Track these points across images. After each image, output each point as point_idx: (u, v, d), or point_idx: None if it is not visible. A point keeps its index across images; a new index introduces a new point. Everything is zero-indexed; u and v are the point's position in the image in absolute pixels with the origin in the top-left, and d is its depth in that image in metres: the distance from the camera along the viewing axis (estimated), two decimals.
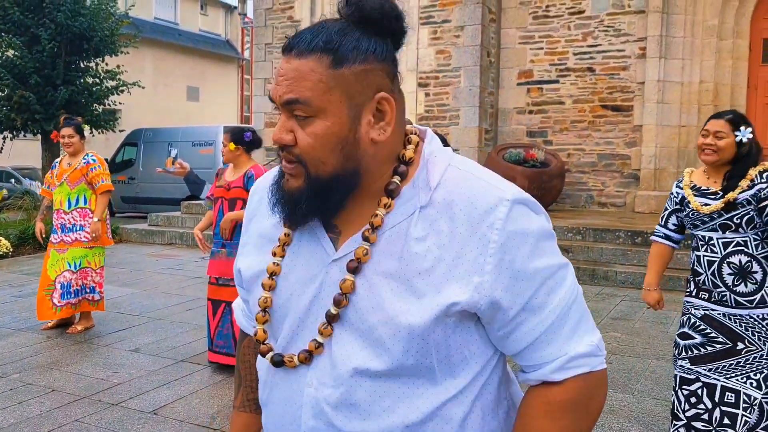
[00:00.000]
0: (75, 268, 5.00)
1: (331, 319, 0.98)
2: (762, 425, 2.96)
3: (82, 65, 14.89)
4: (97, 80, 15.18)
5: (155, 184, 15.13)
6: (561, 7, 10.36)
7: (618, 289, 6.55)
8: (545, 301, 0.97)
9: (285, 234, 1.05)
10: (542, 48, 10.55)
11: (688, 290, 3.01)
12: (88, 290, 5.06)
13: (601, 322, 5.35)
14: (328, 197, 0.96)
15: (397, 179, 0.99)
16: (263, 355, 1.06)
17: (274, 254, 1.04)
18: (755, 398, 2.87)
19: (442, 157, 1.04)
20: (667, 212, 3.09)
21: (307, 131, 0.94)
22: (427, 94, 10.95)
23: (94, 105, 15.03)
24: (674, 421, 2.99)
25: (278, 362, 1.03)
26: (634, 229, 7.26)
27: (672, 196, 3.04)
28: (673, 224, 3.08)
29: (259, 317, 1.06)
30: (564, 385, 0.98)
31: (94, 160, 5.08)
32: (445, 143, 4.04)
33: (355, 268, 0.96)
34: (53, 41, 13.46)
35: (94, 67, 15.04)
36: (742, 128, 2.92)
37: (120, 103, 16.05)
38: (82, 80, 14.65)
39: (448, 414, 0.98)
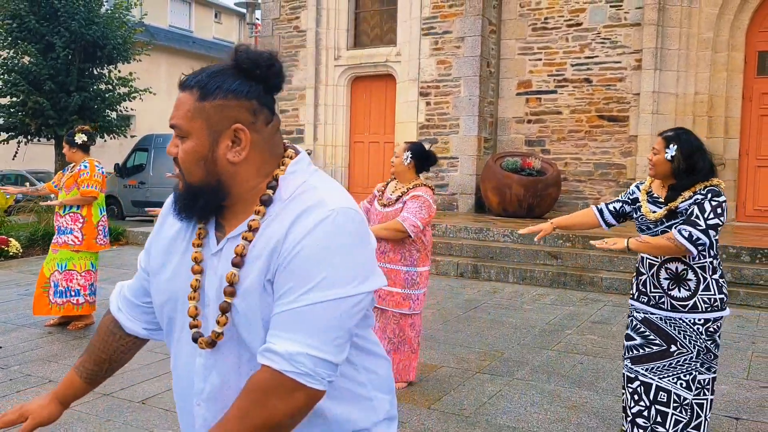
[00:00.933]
0: (61, 269, 5.23)
1: (224, 309, 1.21)
2: (692, 425, 3.14)
3: (95, 72, 15.28)
4: (110, 87, 15.56)
5: (165, 189, 15.44)
6: (559, 19, 10.56)
7: (603, 295, 6.72)
8: (314, 297, 1.13)
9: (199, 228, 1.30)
10: (541, 59, 10.76)
11: (632, 293, 3.21)
12: (72, 293, 5.21)
13: (580, 326, 5.53)
14: (196, 201, 1.23)
15: (270, 192, 1.23)
16: (192, 328, 1.28)
17: (194, 245, 1.28)
18: (685, 398, 3.04)
19: (301, 175, 1.25)
20: (617, 198, 3.27)
21: (181, 148, 1.22)
22: (428, 103, 11.18)
23: (107, 111, 15.40)
24: (624, 416, 3.19)
25: (195, 339, 1.25)
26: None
27: (628, 193, 3.24)
28: (614, 208, 3.27)
29: (190, 295, 1.28)
30: (260, 370, 1.14)
31: (85, 166, 5.25)
32: (430, 159, 4.20)
33: (237, 262, 1.20)
34: (67, 49, 13.85)
35: (107, 74, 15.43)
36: (671, 146, 3.09)
37: (132, 109, 16.40)
38: (95, 87, 15.02)
39: None
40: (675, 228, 2.91)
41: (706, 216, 2.88)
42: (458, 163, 10.93)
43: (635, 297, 3.19)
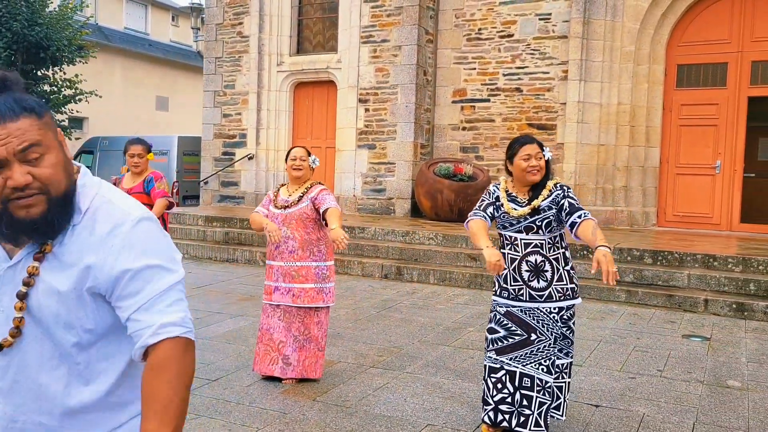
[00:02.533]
0: None
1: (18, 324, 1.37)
2: (553, 406, 3.44)
3: (39, 74, 15.14)
4: (55, 89, 15.43)
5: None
6: (492, 30, 10.94)
7: None
8: (143, 287, 1.34)
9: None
10: (475, 68, 11.11)
11: (494, 290, 3.48)
12: None
13: (483, 324, 5.80)
14: (67, 210, 1.34)
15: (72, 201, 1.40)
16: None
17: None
18: (547, 382, 3.35)
19: (92, 188, 1.42)
20: (485, 203, 3.48)
21: (45, 165, 1.31)
22: (367, 110, 11.43)
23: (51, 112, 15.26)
24: (485, 407, 3.45)
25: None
26: None
27: (489, 194, 3.48)
28: (490, 213, 3.53)
29: None
30: (160, 345, 1.31)
31: None
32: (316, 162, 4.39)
33: (32, 271, 1.35)
34: (8, 50, 13.71)
35: (51, 76, 15.30)
36: (546, 149, 3.44)
37: (77, 111, 16.27)
38: (38, 89, 14.89)
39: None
40: (577, 217, 3.25)
41: (579, 204, 3.32)
42: (395, 168, 11.20)
43: (497, 293, 3.47)
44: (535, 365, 3.35)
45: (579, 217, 3.28)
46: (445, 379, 4.37)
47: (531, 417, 3.28)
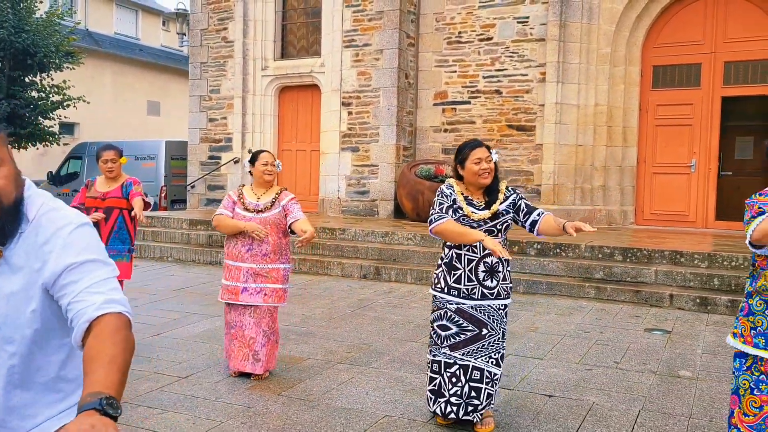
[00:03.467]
0: None
1: None
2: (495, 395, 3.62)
3: (26, 80, 15.26)
4: (43, 95, 15.55)
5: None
6: (472, 33, 11.11)
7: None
8: (85, 275, 1.52)
9: None
10: (456, 71, 11.28)
11: (439, 287, 3.62)
12: None
13: None
14: (17, 217, 1.52)
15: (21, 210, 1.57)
16: None
17: None
18: (495, 374, 3.52)
19: (38, 198, 1.60)
20: (444, 206, 3.55)
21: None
22: (350, 113, 11.59)
23: (39, 118, 15.39)
24: (438, 399, 3.60)
25: None
26: (512, 239, 7.92)
27: (446, 196, 3.55)
28: (451, 215, 3.66)
29: None
30: (108, 316, 1.48)
31: None
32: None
33: None
34: None
35: (39, 82, 15.42)
36: (493, 152, 3.59)
37: (65, 117, 16.40)
38: (26, 94, 15.00)
39: None
40: (536, 215, 3.48)
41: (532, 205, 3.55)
42: (378, 170, 11.36)
43: (446, 291, 3.60)
44: (485, 358, 3.51)
45: (538, 215, 3.47)
46: (408, 373, 4.52)
47: (479, 407, 3.45)
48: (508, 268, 3.57)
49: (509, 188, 3.60)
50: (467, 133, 11.22)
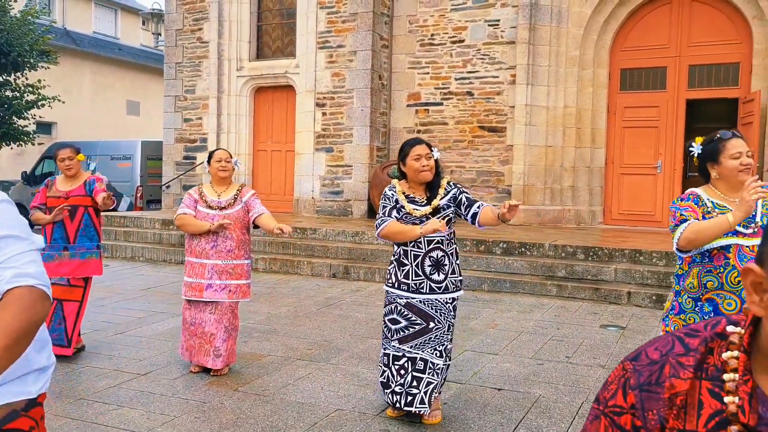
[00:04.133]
0: None
1: None
2: (441, 384, 3.73)
3: (0, 79, 15.16)
4: (17, 94, 15.45)
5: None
6: (444, 36, 11.25)
7: None
8: (1, 250, 1.59)
9: None
10: (428, 73, 11.41)
11: (390, 282, 3.74)
12: None
13: None
14: None
15: None
16: None
17: None
18: (438, 365, 3.64)
19: None
20: (387, 209, 3.70)
21: None
22: (324, 114, 11.67)
23: (13, 118, 15.29)
24: (385, 390, 3.72)
25: None
26: (479, 238, 8.07)
27: (389, 198, 3.71)
28: (395, 216, 3.79)
29: None
30: (13, 291, 1.54)
31: None
32: (238, 165, 4.63)
33: None
34: None
35: (13, 82, 15.32)
36: (434, 149, 3.72)
37: (40, 117, 16.30)
38: (1, 94, 14.90)
39: None
40: (477, 207, 3.58)
41: (473, 198, 3.65)
42: (352, 171, 11.45)
43: (396, 286, 3.73)
44: (430, 350, 3.63)
45: (478, 207, 3.59)
46: (365, 368, 4.63)
47: (417, 395, 3.56)
48: (457, 262, 3.68)
49: (451, 183, 3.71)
50: (440, 134, 11.36)
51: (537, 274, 7.34)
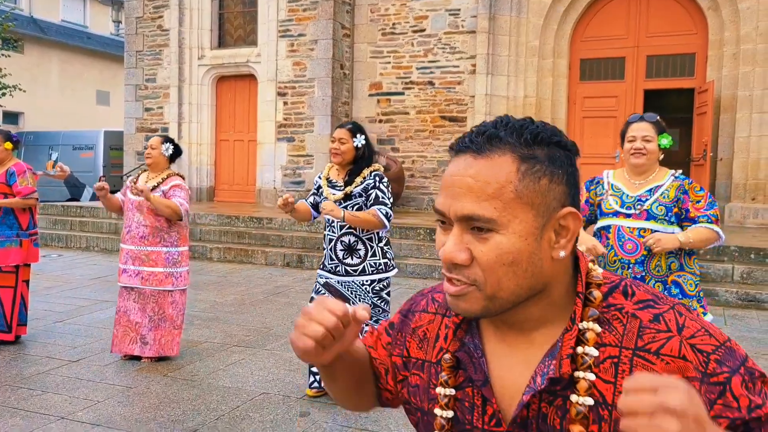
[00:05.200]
0: None
1: None
2: None
3: None
4: None
5: (39, 188, 15.13)
6: (405, 25, 11.23)
7: (404, 279, 7.35)
8: None
9: None
10: (390, 62, 11.39)
11: (321, 264, 3.78)
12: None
13: None
14: None
15: None
16: None
17: None
18: None
19: None
20: (310, 193, 3.86)
21: None
22: (285, 103, 11.60)
23: None
24: (310, 370, 3.73)
25: None
26: (432, 227, 8.09)
27: (315, 183, 3.84)
28: (311, 201, 3.82)
29: None
30: None
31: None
32: (180, 152, 4.58)
33: None
34: None
35: None
36: (358, 135, 3.72)
37: (2, 106, 15.99)
38: None
39: None
40: (373, 207, 3.55)
41: (387, 196, 3.60)
42: (313, 160, 11.41)
43: (320, 267, 3.78)
44: None
45: (372, 208, 3.57)
46: None
47: None
48: (380, 245, 3.68)
49: (374, 174, 3.68)
50: (402, 123, 11.36)
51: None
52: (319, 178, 3.82)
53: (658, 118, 3.13)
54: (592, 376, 0.83)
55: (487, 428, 0.90)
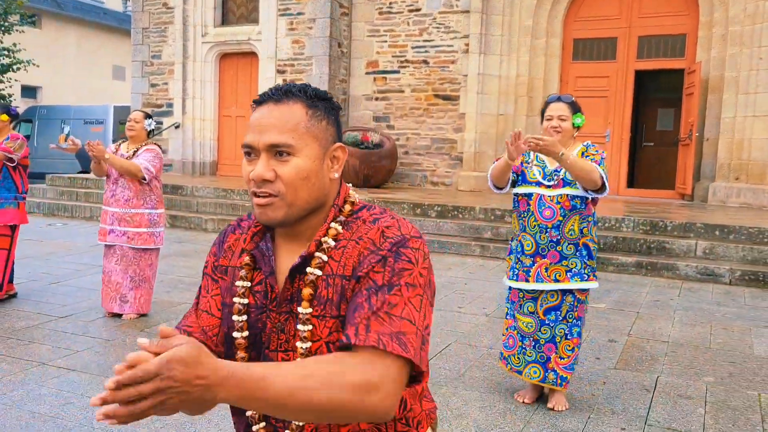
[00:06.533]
0: None
1: None
2: None
3: None
4: None
5: (49, 160, 15.70)
6: (402, 4, 11.44)
7: None
8: None
9: None
10: (386, 41, 11.63)
11: None
12: None
13: None
14: None
15: None
16: None
17: None
18: None
19: None
20: None
21: None
22: (284, 80, 11.90)
23: None
24: None
25: None
26: (416, 202, 8.42)
27: None
28: None
29: None
30: None
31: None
32: (159, 128, 4.96)
33: None
34: None
35: None
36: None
37: (15, 80, 16.50)
38: None
39: None
40: None
41: None
42: None
43: None
44: None
45: None
46: None
47: None
48: None
49: None
50: (397, 101, 11.63)
51: (465, 236, 7.70)
52: None
53: (573, 99, 3.41)
54: (324, 257, 1.18)
55: (272, 307, 1.22)
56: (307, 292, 1.18)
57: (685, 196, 10.29)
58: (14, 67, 15.92)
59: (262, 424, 1.25)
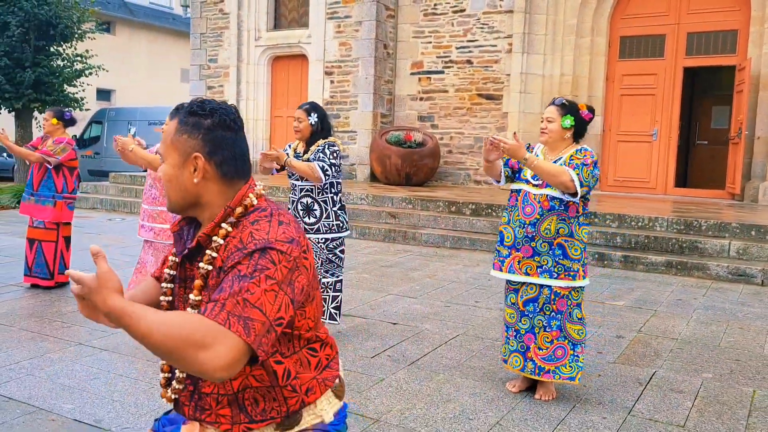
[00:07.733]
0: None
1: None
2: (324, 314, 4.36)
3: (51, 50, 16.42)
4: (68, 63, 16.71)
5: (118, 159, 16.64)
6: (446, 6, 11.58)
7: (418, 247, 7.89)
8: None
9: None
10: (431, 42, 11.79)
11: None
12: None
13: (363, 267, 6.70)
14: None
15: None
16: None
17: None
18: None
19: None
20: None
21: None
22: (332, 82, 12.26)
23: (64, 86, 16.57)
24: None
25: None
26: (451, 200, 8.56)
27: (285, 151, 4.39)
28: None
29: None
30: None
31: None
32: None
33: None
34: (21, 27, 14.98)
35: (62, 51, 16.55)
36: (312, 114, 4.29)
37: (88, 85, 17.55)
38: (51, 63, 16.17)
39: None
40: (314, 162, 4.16)
41: (328, 157, 4.19)
42: (357, 136, 12.04)
43: None
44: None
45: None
46: None
47: None
48: (335, 209, 4.28)
49: (326, 144, 4.24)
50: (441, 101, 11.77)
51: (496, 233, 7.77)
52: (289, 147, 4.42)
53: (565, 101, 3.51)
54: (214, 254, 1.41)
55: (179, 282, 1.51)
56: (198, 283, 1.42)
57: (735, 196, 9.99)
58: (86, 72, 16.93)
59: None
